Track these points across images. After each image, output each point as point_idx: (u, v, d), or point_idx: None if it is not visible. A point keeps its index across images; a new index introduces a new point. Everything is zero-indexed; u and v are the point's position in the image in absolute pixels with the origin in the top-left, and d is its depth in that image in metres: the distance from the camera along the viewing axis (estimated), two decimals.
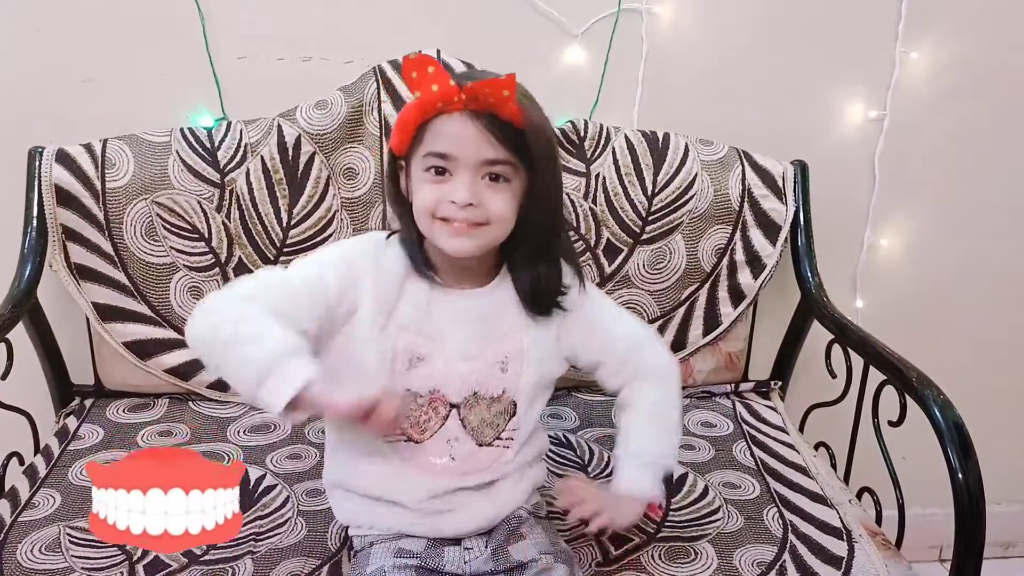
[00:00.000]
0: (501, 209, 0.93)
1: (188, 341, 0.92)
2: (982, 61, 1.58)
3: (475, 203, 0.92)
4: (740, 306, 1.51)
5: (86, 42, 1.40)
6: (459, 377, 1.00)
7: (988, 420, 1.38)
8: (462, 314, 1.00)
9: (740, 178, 1.46)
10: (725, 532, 1.15)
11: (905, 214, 1.66)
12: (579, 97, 1.50)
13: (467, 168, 0.92)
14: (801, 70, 1.55)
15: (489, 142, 0.91)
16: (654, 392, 1.08)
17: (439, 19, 1.45)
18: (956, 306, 1.74)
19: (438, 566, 0.99)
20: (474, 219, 0.92)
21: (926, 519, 1.72)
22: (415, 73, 0.91)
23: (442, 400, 1.00)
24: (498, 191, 0.93)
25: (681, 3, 1.48)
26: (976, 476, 1.07)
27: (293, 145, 1.36)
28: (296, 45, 1.44)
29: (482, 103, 0.90)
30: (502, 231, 0.95)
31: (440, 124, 0.92)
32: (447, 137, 0.92)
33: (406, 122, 0.94)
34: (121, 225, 1.34)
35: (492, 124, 0.91)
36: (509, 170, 0.93)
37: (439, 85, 0.90)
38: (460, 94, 0.90)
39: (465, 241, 0.93)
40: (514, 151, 0.92)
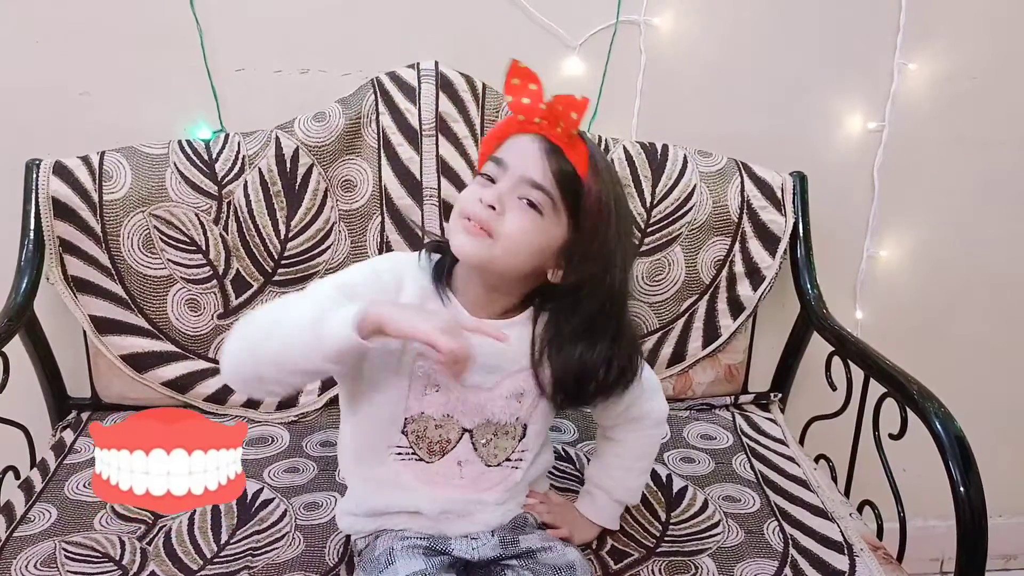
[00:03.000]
0: (515, 230, 0.90)
1: (229, 373, 0.90)
2: (981, 72, 1.58)
3: (497, 209, 0.90)
4: (739, 318, 1.51)
5: (84, 55, 1.40)
6: (473, 406, 1.00)
7: (989, 432, 1.37)
8: (480, 346, 0.95)
9: (739, 189, 1.46)
10: (725, 546, 1.14)
11: (905, 225, 1.66)
12: None
13: (511, 178, 0.91)
14: (800, 81, 1.55)
15: (542, 167, 0.91)
16: (644, 438, 1.12)
17: (438, 31, 1.45)
18: (956, 317, 1.73)
19: (446, 549, 1.01)
20: (489, 224, 0.90)
21: (927, 532, 1.71)
22: (517, 80, 0.92)
23: (455, 424, 1.00)
24: (524, 214, 0.91)
25: (679, 15, 1.49)
26: (978, 489, 1.06)
27: (291, 157, 1.36)
28: (294, 57, 1.44)
29: (559, 135, 0.91)
30: (510, 254, 0.91)
31: (512, 140, 0.94)
32: (512, 148, 0.93)
33: (488, 139, 0.98)
34: (118, 238, 1.34)
35: (555, 155, 0.91)
36: (547, 203, 0.91)
37: (530, 99, 0.92)
38: (542, 117, 0.91)
39: (467, 241, 0.91)
40: (561, 189, 0.91)
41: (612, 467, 1.12)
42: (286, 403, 1.43)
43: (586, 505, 1.13)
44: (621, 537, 1.15)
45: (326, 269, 1.40)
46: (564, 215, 0.92)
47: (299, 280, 1.40)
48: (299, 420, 1.43)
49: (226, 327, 1.39)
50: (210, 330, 1.39)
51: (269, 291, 1.39)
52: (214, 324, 1.39)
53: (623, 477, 1.13)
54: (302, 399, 1.43)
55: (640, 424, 1.10)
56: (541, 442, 1.06)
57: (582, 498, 1.14)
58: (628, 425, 1.10)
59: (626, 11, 1.47)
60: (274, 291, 1.39)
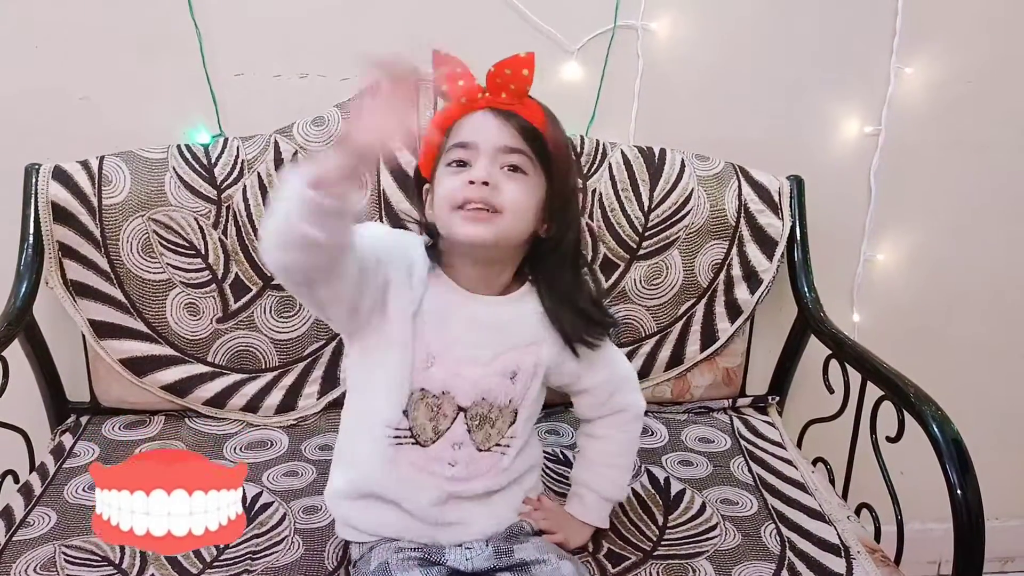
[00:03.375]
0: (516, 197, 0.95)
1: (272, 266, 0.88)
2: (977, 76, 1.58)
3: (491, 184, 0.93)
4: (737, 321, 1.51)
5: (83, 59, 1.40)
6: (469, 381, 1.01)
7: (986, 435, 1.37)
8: (477, 321, 1.01)
9: (736, 193, 1.46)
10: (723, 549, 1.14)
11: (901, 229, 1.66)
12: (575, 113, 1.50)
13: (486, 154, 0.95)
14: (797, 85, 1.55)
15: (509, 132, 0.95)
16: (623, 433, 1.15)
17: (435, 35, 1.45)
18: (953, 320, 1.73)
19: (440, 560, 1.02)
20: (491, 200, 0.93)
21: (925, 534, 1.71)
22: (443, 68, 0.97)
23: (452, 402, 1.01)
24: (515, 180, 0.96)
25: (676, 19, 1.49)
26: (975, 492, 1.06)
27: (290, 161, 1.36)
28: (293, 62, 1.44)
29: (505, 100, 0.96)
30: (518, 222, 0.96)
31: (463, 121, 0.98)
32: (469, 128, 0.97)
33: (432, 129, 0.99)
34: (117, 242, 1.34)
35: (512, 118, 0.96)
36: (527, 162, 0.96)
37: (464, 81, 0.97)
38: (484, 91, 0.96)
39: (481, 228, 0.94)
40: (532, 147, 0.96)
41: (596, 464, 1.14)
42: (285, 407, 1.43)
43: (575, 506, 1.14)
44: (618, 540, 1.15)
45: None
46: (540, 169, 0.97)
47: None
48: (298, 424, 1.43)
49: (225, 331, 1.39)
50: (209, 334, 1.39)
51: (268, 295, 1.39)
52: (213, 328, 1.39)
53: (608, 473, 1.14)
54: (301, 402, 1.44)
55: (621, 417, 1.13)
56: (530, 429, 1.08)
57: (571, 500, 1.15)
58: (610, 419, 1.13)
59: (624, 16, 1.47)
60: (273, 295, 1.39)
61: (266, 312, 1.40)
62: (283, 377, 1.43)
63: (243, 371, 1.42)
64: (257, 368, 1.42)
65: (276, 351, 1.42)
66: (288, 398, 1.43)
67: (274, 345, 1.41)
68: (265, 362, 1.42)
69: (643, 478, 1.30)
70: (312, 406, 1.44)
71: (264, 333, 1.41)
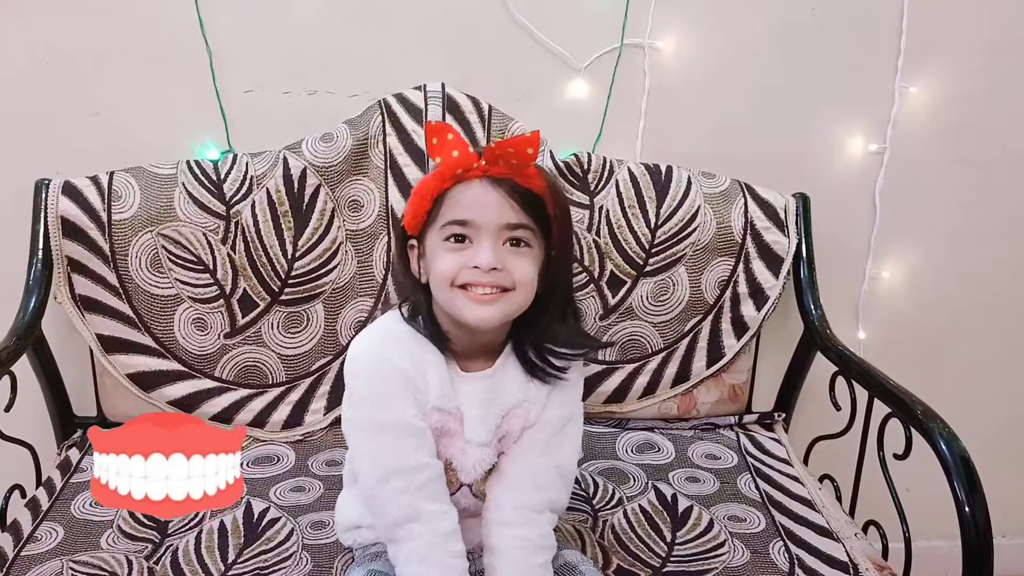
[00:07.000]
0: (525, 273, 0.93)
1: None
2: (981, 95, 1.59)
3: (499, 267, 0.91)
4: (743, 338, 1.52)
5: (93, 75, 1.42)
6: (472, 460, 1.01)
7: (993, 452, 1.37)
8: (475, 396, 0.99)
9: (742, 211, 1.47)
10: (731, 566, 1.14)
11: (906, 246, 1.67)
12: (582, 130, 1.51)
13: (489, 233, 0.92)
14: (802, 104, 1.56)
15: (511, 207, 0.92)
16: (548, 527, 1.01)
17: (444, 53, 1.47)
18: (958, 337, 1.74)
19: None
20: (500, 283, 0.92)
21: (932, 552, 1.70)
22: (435, 139, 0.92)
23: (456, 476, 1.01)
24: (521, 256, 0.94)
25: (683, 38, 1.50)
26: (983, 509, 1.06)
27: (299, 177, 1.37)
28: (302, 79, 1.45)
29: (502, 168, 0.91)
30: (525, 297, 0.95)
31: (459, 192, 0.93)
32: (468, 203, 0.92)
33: (422, 195, 0.95)
34: (126, 257, 1.34)
35: (513, 190, 0.92)
36: (530, 235, 0.94)
37: (459, 151, 0.92)
38: (480, 160, 0.92)
39: (490, 309, 0.93)
40: (534, 217, 0.93)
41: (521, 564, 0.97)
42: (292, 422, 1.43)
43: None
44: (627, 557, 1.15)
45: (332, 289, 1.41)
46: (541, 235, 0.95)
47: (305, 300, 1.40)
48: (305, 439, 1.43)
49: (232, 346, 1.40)
50: (216, 349, 1.40)
51: (275, 310, 1.40)
52: (220, 343, 1.40)
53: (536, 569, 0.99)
54: (308, 418, 1.44)
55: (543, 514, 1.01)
56: None
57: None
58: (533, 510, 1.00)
59: (631, 34, 1.48)
60: (281, 311, 1.40)
61: (273, 327, 1.40)
62: (290, 392, 1.43)
63: (250, 386, 1.42)
64: (264, 383, 1.42)
65: (283, 366, 1.42)
66: (295, 413, 1.43)
67: (281, 360, 1.42)
68: (272, 377, 1.42)
69: (650, 494, 1.30)
70: (319, 421, 1.44)
71: (271, 348, 1.41)
